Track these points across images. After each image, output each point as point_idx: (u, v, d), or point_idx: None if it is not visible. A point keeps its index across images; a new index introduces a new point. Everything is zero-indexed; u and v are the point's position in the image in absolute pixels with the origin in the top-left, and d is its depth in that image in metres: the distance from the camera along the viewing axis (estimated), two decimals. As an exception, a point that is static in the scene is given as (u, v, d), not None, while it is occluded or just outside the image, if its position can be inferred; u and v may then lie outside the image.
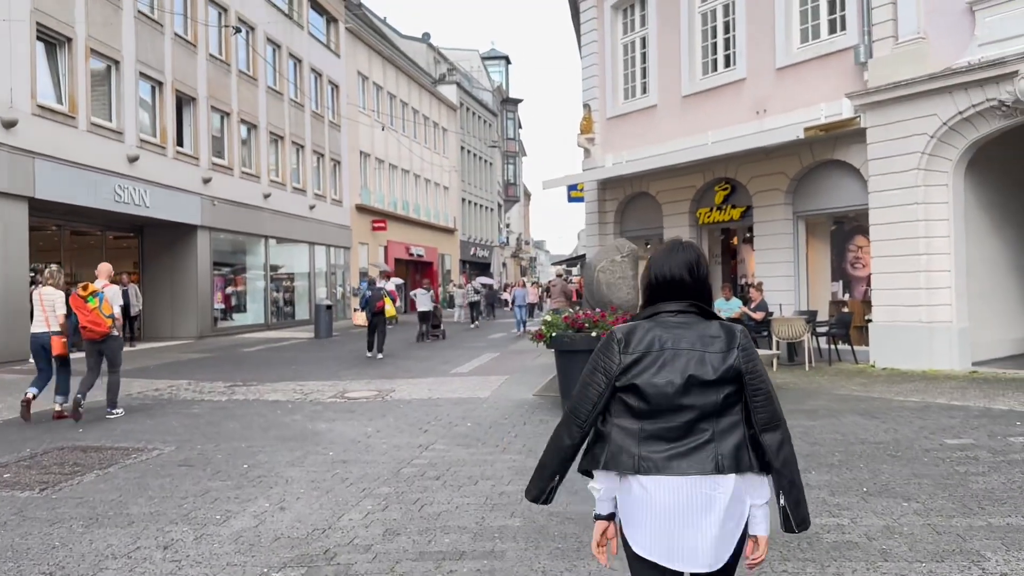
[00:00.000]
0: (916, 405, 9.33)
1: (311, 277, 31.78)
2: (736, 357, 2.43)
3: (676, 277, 2.55)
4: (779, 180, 15.05)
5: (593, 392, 2.47)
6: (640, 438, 2.39)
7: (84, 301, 9.59)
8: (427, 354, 18.36)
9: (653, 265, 2.61)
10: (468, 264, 51.74)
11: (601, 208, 19.24)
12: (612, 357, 2.46)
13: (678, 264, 2.56)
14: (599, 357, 2.50)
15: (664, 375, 2.38)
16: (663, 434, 2.38)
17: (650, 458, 2.36)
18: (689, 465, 2.35)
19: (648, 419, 2.40)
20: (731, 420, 2.41)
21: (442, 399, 11.09)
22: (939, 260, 12.35)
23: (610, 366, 2.45)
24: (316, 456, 7.61)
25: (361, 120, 35.97)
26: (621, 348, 2.46)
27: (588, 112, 18.94)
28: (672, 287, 2.54)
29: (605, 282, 10.92)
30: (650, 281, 2.60)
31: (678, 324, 2.48)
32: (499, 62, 62.21)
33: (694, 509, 2.34)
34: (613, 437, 2.43)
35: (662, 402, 2.38)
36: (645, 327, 2.48)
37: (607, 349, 2.49)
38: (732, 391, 2.42)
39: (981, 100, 11.54)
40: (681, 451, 2.36)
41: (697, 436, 2.38)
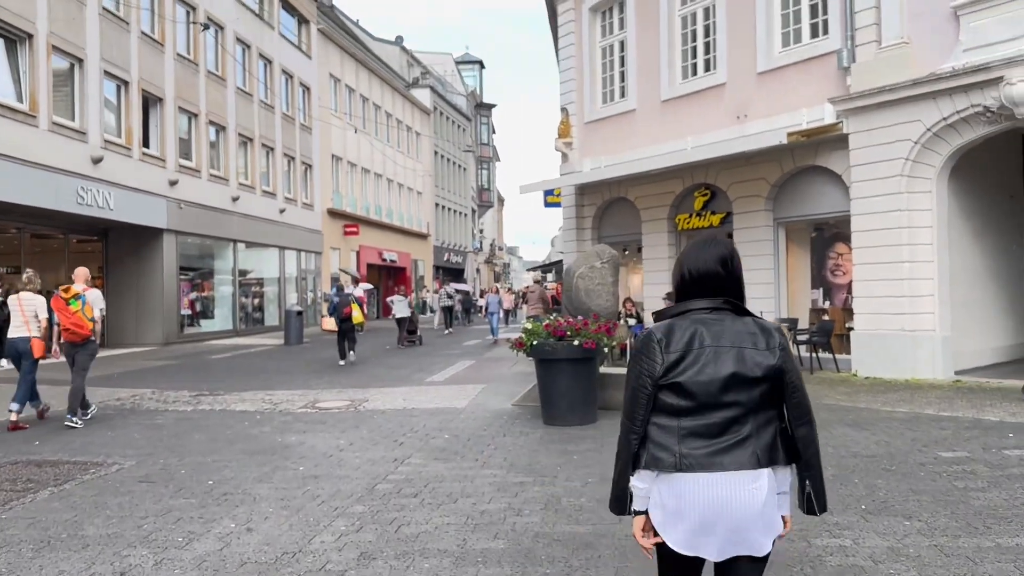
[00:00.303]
0: (905, 416, 9.13)
1: (281, 282, 31.19)
2: (778, 356, 2.46)
3: (710, 272, 2.54)
4: (760, 186, 14.88)
5: (642, 396, 2.47)
6: (680, 435, 2.42)
7: (66, 304, 9.46)
8: (401, 362, 17.95)
9: (685, 260, 2.59)
10: (442, 270, 51.29)
11: (579, 213, 18.97)
12: (655, 357, 2.45)
13: (711, 258, 2.55)
14: (641, 359, 2.49)
15: (707, 373, 2.40)
16: (703, 431, 2.41)
17: (691, 455, 2.40)
18: (731, 461, 2.39)
19: (688, 416, 2.43)
20: (767, 416, 2.46)
21: (417, 409, 10.72)
22: (922, 268, 12.22)
23: (653, 367, 2.45)
24: (285, 471, 7.21)
25: (333, 123, 35.46)
26: (663, 348, 2.46)
27: (566, 116, 18.68)
28: (705, 282, 2.54)
29: (584, 288, 10.63)
30: (683, 276, 2.58)
31: (715, 321, 2.48)
32: (473, 66, 61.91)
33: (735, 503, 2.38)
34: (652, 436, 2.46)
35: (706, 400, 2.41)
36: (683, 325, 2.48)
37: (648, 350, 2.48)
38: (769, 388, 2.45)
39: (966, 106, 11.42)
40: (722, 447, 2.40)
41: (736, 432, 2.41)
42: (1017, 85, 10.66)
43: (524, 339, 9.27)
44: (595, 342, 8.96)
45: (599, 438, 8.35)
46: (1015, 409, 9.24)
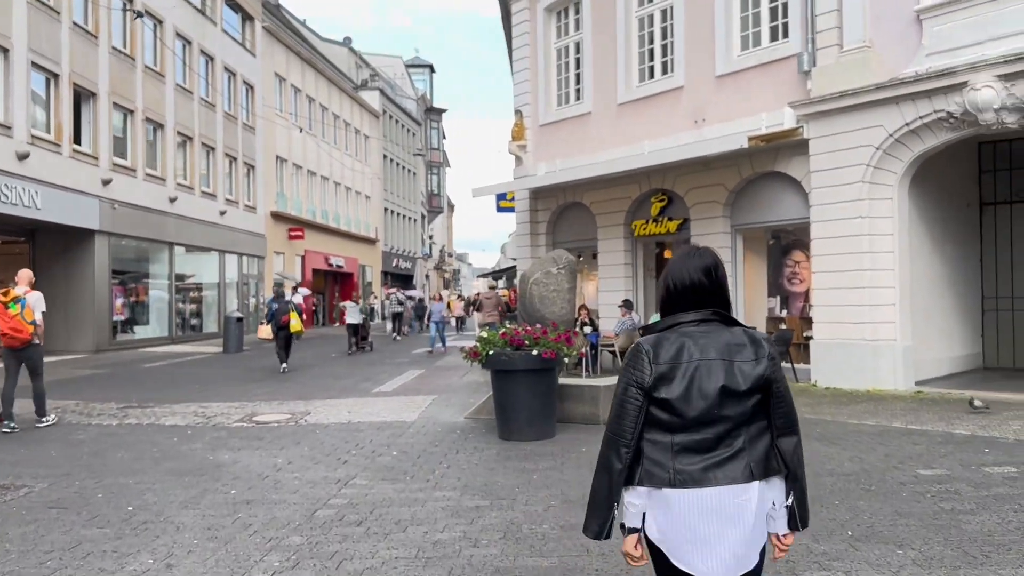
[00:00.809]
0: (873, 429, 8.79)
1: (221, 287, 30.06)
2: (765, 366, 2.42)
3: (695, 283, 2.51)
4: (717, 192, 14.57)
5: (632, 408, 2.42)
6: (673, 451, 2.38)
7: (5, 307, 9.25)
8: (347, 371, 17.20)
9: (670, 273, 2.55)
10: (390, 275, 50.37)
11: (533, 218, 18.48)
12: (643, 369, 2.41)
13: (696, 269, 2.52)
14: (630, 372, 2.44)
15: (697, 387, 2.36)
16: (696, 446, 2.38)
17: (685, 471, 2.36)
18: (724, 475, 2.36)
19: (681, 432, 2.38)
20: (759, 427, 2.43)
21: (363, 423, 10.05)
22: (884, 276, 11.99)
23: (642, 379, 2.40)
24: (215, 495, 6.52)
25: (278, 123, 34.44)
26: (651, 359, 2.41)
27: (520, 118, 18.19)
28: (691, 294, 2.50)
29: (538, 295, 10.07)
30: (668, 289, 2.54)
31: (703, 333, 2.44)
32: (423, 70, 61.17)
33: (727, 517, 2.35)
34: (646, 451, 2.41)
35: (697, 414, 2.36)
36: (671, 338, 2.44)
37: (637, 362, 2.43)
38: (760, 399, 2.42)
39: (929, 111, 11.23)
40: (715, 462, 2.37)
41: (729, 446, 2.38)
42: (982, 91, 10.49)
43: (479, 348, 8.70)
44: (555, 352, 8.44)
45: (559, 455, 7.82)
46: (984, 422, 8.99)
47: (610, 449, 2.44)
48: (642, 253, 16.71)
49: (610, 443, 2.44)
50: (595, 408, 9.40)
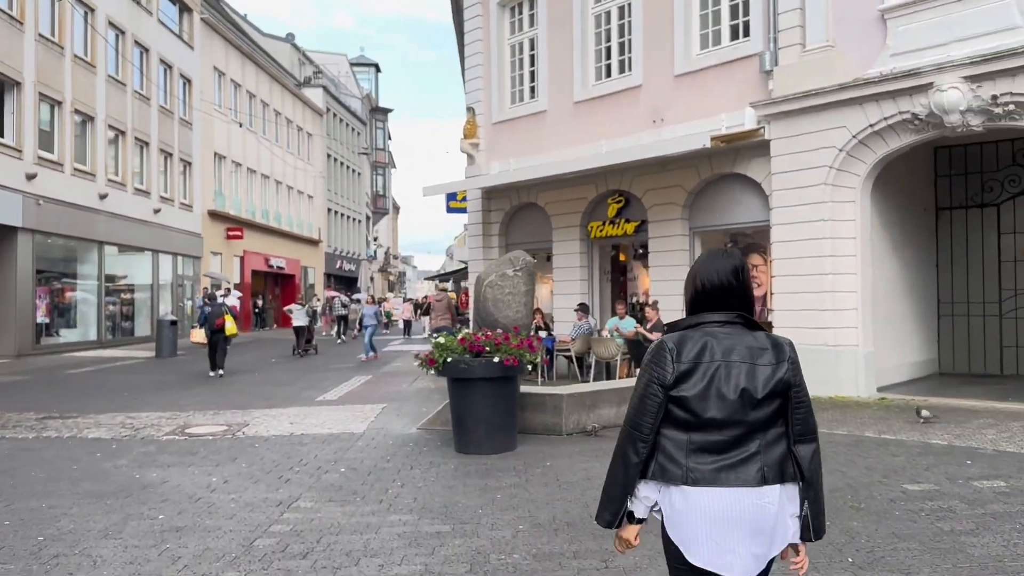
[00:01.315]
0: (846, 439, 8.45)
1: (154, 289, 28.72)
2: (786, 371, 2.43)
3: (725, 284, 2.52)
4: (676, 194, 14.21)
5: (652, 404, 2.43)
6: (688, 450, 2.40)
7: None
8: (289, 377, 16.37)
9: (700, 272, 2.57)
10: (334, 278, 49.19)
11: (485, 219, 17.90)
12: (665, 367, 2.43)
13: (725, 271, 2.54)
14: (652, 368, 2.46)
15: (715, 388, 2.38)
16: (711, 446, 2.39)
17: (698, 469, 2.38)
18: (736, 477, 2.37)
19: (697, 431, 2.40)
20: (777, 432, 2.43)
21: (307, 435, 9.34)
22: (846, 280, 11.75)
23: (664, 376, 2.42)
24: (140, 521, 5.80)
25: (216, 119, 33.19)
26: (674, 357, 2.42)
27: (472, 116, 17.60)
28: (719, 294, 2.51)
29: (492, 298, 9.45)
30: (697, 289, 2.56)
31: (727, 335, 2.46)
32: (368, 69, 60.07)
33: (740, 520, 2.35)
34: (662, 447, 2.43)
35: (711, 415, 2.38)
36: (695, 337, 2.45)
37: (660, 359, 2.44)
38: (779, 404, 2.43)
39: (893, 112, 11.01)
40: (729, 463, 2.38)
41: (744, 448, 2.39)
42: (948, 92, 10.30)
43: (436, 355, 8.09)
44: (517, 359, 7.88)
45: (522, 470, 7.26)
46: (958, 431, 8.73)
47: (627, 442, 2.45)
48: (598, 255, 16.27)
49: (628, 436, 2.46)
50: (557, 418, 8.87)
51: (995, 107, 10.11)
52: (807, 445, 2.45)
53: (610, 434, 8.97)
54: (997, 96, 10.03)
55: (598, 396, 9.20)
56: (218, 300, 17.23)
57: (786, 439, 2.44)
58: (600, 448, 8.14)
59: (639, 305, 15.92)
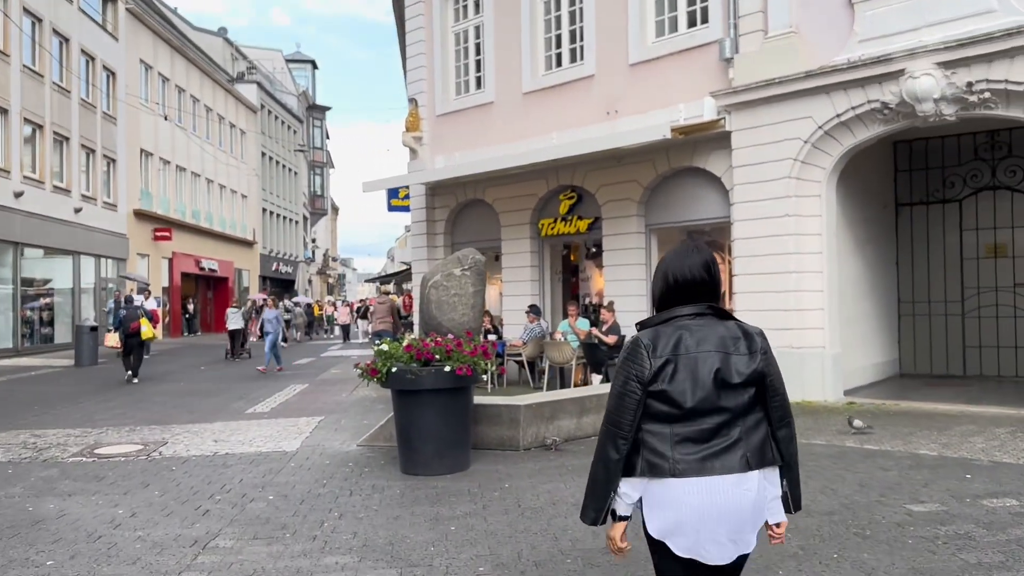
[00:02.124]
0: (827, 451, 7.80)
1: (76, 293, 26.96)
2: (759, 360, 2.50)
3: (696, 278, 2.57)
4: (631, 189, 13.51)
5: (631, 401, 2.45)
6: (673, 442, 2.43)
7: None
8: (218, 386, 15.17)
9: (670, 268, 2.60)
10: (270, 280, 47.48)
11: (430, 216, 16.94)
12: (643, 363, 2.45)
13: (696, 265, 2.57)
14: (629, 365, 2.48)
15: (694, 378, 2.42)
16: (694, 436, 2.43)
17: (684, 460, 2.42)
18: (722, 465, 2.42)
19: (679, 423, 2.44)
20: (756, 418, 2.50)
21: (233, 455, 8.31)
22: (811, 279, 11.20)
23: (642, 372, 2.45)
24: (24, 570, 4.78)
25: (143, 114, 31.47)
26: (650, 352, 2.46)
27: (415, 108, 16.66)
28: (690, 288, 2.56)
29: (436, 300, 8.50)
30: (668, 284, 2.59)
31: (699, 326, 2.51)
32: (305, 66, 58.33)
33: (724, 508, 2.41)
34: (646, 442, 2.46)
35: (695, 405, 2.42)
36: (667, 331, 2.50)
37: (636, 355, 2.47)
38: (756, 391, 2.50)
39: (862, 102, 10.48)
40: (713, 451, 2.43)
41: (726, 436, 2.44)
42: (920, 79, 9.80)
43: (378, 364, 7.17)
44: (471, 367, 7.01)
45: (478, 494, 6.39)
46: (943, 440, 8.15)
47: (608, 440, 2.47)
48: (549, 254, 15.48)
49: (608, 435, 2.48)
50: (514, 431, 8.02)
51: (970, 95, 9.64)
52: (785, 430, 2.54)
53: (572, 448, 8.16)
54: (972, 83, 9.56)
55: (558, 407, 8.38)
56: (135, 303, 16.15)
57: (766, 424, 2.51)
58: (562, 465, 7.33)
59: (592, 306, 15.21)
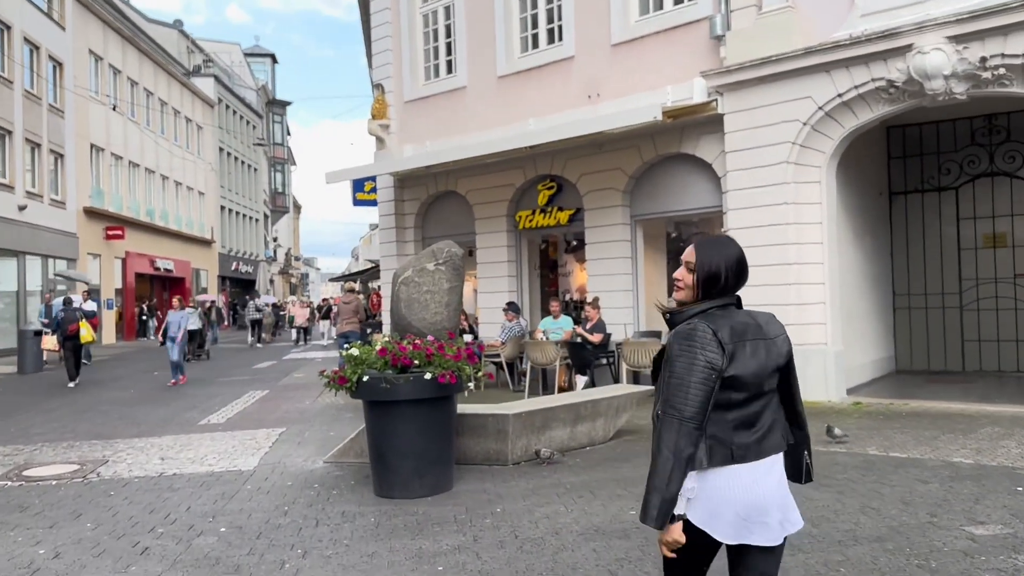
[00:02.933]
0: (851, 460, 7.03)
1: (21, 296, 25.49)
2: (789, 343, 2.63)
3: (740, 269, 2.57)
4: (615, 178, 12.68)
5: (705, 389, 2.40)
6: (732, 428, 2.46)
7: None
8: (171, 393, 14.05)
9: (719, 259, 2.57)
10: (229, 280, 45.99)
11: (399, 210, 15.95)
12: (715, 350, 2.42)
13: (737, 256, 2.59)
14: (702, 353, 2.42)
15: (755, 363, 2.47)
16: (748, 421, 2.48)
17: (744, 444, 2.45)
18: (772, 446, 2.52)
19: (736, 408, 2.46)
20: (778, 398, 2.61)
21: (181, 476, 7.32)
22: (812, 271, 10.47)
23: (716, 360, 2.41)
24: None
25: (93, 107, 29.97)
26: (722, 341, 2.43)
27: (381, 93, 15.66)
28: (736, 278, 2.57)
29: (406, 298, 7.50)
30: (717, 274, 2.55)
31: (736, 315, 2.55)
32: (264, 60, 56.73)
33: (777, 484, 2.52)
34: (708, 432, 2.43)
35: (755, 391, 2.48)
36: (719, 320, 2.49)
37: (707, 344, 2.43)
38: (784, 373, 2.61)
39: (865, 80, 9.76)
40: (763, 433, 2.50)
41: (768, 418, 2.53)
42: (930, 54, 9.09)
43: (347, 371, 6.23)
44: (455, 373, 6.12)
45: (466, 523, 5.50)
46: (973, 445, 7.42)
47: (680, 435, 2.38)
48: (527, 248, 14.59)
49: (679, 429, 2.39)
50: (502, 444, 7.14)
51: (983, 71, 8.95)
52: (801, 404, 2.68)
53: (568, 461, 7.30)
54: (986, 58, 8.88)
55: (550, 415, 7.51)
56: (74, 305, 15.52)
57: (782, 403, 2.63)
58: (559, 483, 6.46)
59: (573, 303, 14.39)
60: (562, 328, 12.14)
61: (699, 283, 2.55)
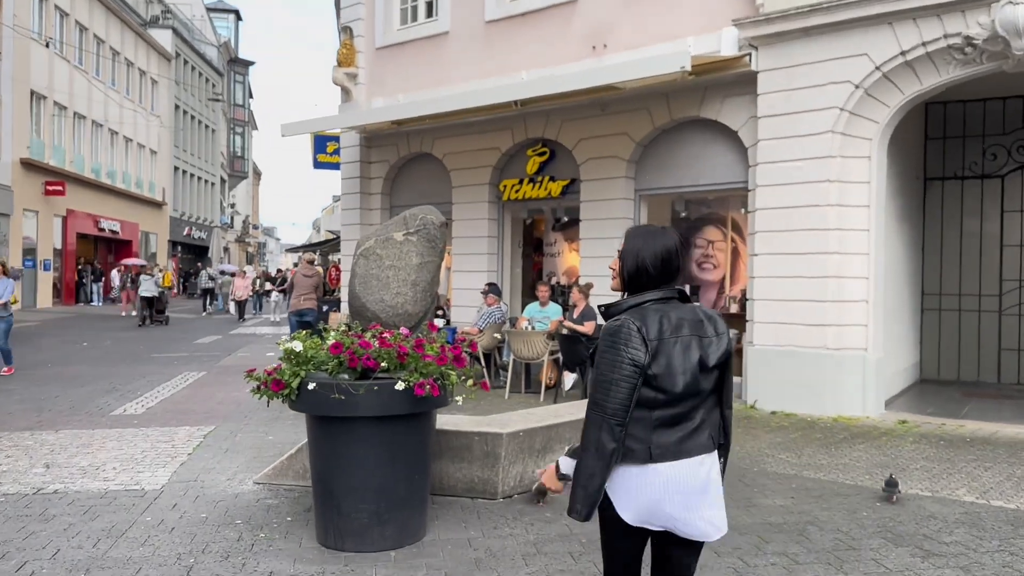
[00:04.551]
0: (944, 509, 5.40)
1: (-58, 252, 23.08)
2: (727, 343, 2.50)
3: (671, 262, 2.50)
4: (619, 144, 10.95)
5: (627, 386, 2.35)
6: (653, 427, 2.39)
7: None
8: (95, 370, 12.07)
9: (644, 250, 2.50)
10: (180, 246, 43.47)
11: (364, 173, 14.03)
12: (638, 346, 2.35)
13: (668, 247, 2.50)
14: (624, 349, 2.35)
15: (681, 363, 2.39)
16: (671, 420, 2.41)
17: (663, 444, 2.39)
18: (695, 447, 2.43)
19: (661, 408, 2.39)
20: (713, 399, 2.52)
21: (64, 495, 5.47)
22: (854, 263, 8.87)
23: (638, 356, 2.35)
24: None
25: (35, 51, 27.38)
26: (645, 336, 2.37)
27: (349, 38, 13.70)
28: (662, 271, 2.49)
29: (362, 274, 5.55)
30: (641, 267, 2.49)
31: (672, 310, 2.46)
32: (227, 16, 53.79)
33: (700, 486, 2.42)
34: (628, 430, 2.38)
35: (681, 390, 2.39)
36: (649, 315, 2.42)
37: (630, 339, 2.36)
38: (720, 374, 2.50)
39: (937, 36, 8.13)
40: (686, 434, 2.42)
41: (694, 418, 2.44)
42: (1021, 5, 7.48)
43: (286, 373, 4.42)
44: (438, 383, 4.35)
45: (450, 604, 3.77)
46: (1091, 491, 5.86)
47: (602, 430, 2.35)
48: (510, 222, 12.81)
49: (602, 425, 2.35)
50: (491, 471, 5.40)
51: (1090, 29, 7.38)
52: (729, 410, 2.57)
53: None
54: (1096, 13, 7.30)
55: (553, 435, 5.79)
56: None
57: (718, 405, 2.54)
58: (568, 532, 4.74)
59: (560, 288, 12.67)
60: (549, 317, 10.44)
61: (623, 274, 2.53)
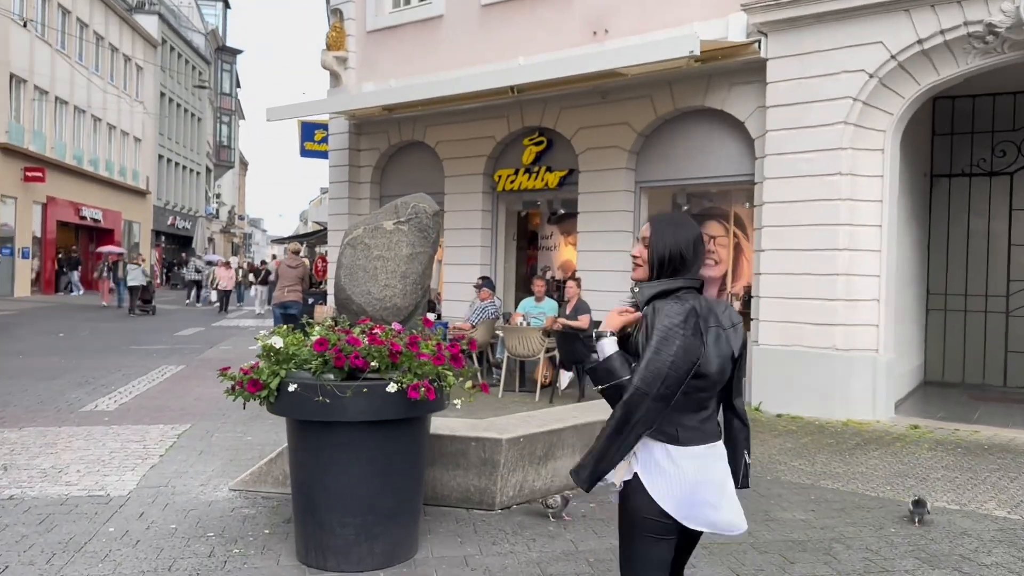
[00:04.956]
0: (977, 526, 5.02)
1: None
2: (743, 334, 2.48)
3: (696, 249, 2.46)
4: (620, 134, 10.54)
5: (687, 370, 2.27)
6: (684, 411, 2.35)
7: None
8: (67, 362, 11.56)
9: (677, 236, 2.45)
10: (164, 235, 42.76)
11: (353, 161, 13.55)
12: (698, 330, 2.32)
13: (694, 236, 2.47)
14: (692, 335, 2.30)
15: (719, 350, 2.38)
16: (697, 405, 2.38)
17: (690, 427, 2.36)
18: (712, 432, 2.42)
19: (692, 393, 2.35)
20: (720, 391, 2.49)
21: (20, 500, 5.02)
22: (865, 260, 8.50)
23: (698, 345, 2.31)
24: None
25: (15, 33, 26.68)
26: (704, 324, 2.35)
27: (339, 20, 13.21)
28: (691, 260, 2.45)
29: (348, 264, 5.07)
30: (675, 252, 2.44)
31: (700, 298, 2.43)
32: (215, 3, 52.96)
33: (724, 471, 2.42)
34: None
35: (716, 377, 2.39)
36: (693, 302, 2.38)
37: (695, 327, 2.32)
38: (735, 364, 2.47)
39: (957, 23, 7.76)
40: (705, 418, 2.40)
41: (710, 406, 2.44)
42: (1050, -9, 7.13)
43: (264, 372, 3.98)
44: (433, 385, 3.92)
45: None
46: None
47: (647, 412, 2.27)
48: (505, 214, 12.37)
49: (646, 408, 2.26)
50: (489, 479, 4.98)
51: (1122, 17, 7.02)
52: (740, 398, 2.53)
53: (584, 508, 5.15)
54: None
55: (556, 440, 5.37)
56: None
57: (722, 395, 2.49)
58: (574, 549, 4.33)
59: (555, 283, 12.26)
60: (545, 313, 10.04)
61: (652, 262, 2.46)
